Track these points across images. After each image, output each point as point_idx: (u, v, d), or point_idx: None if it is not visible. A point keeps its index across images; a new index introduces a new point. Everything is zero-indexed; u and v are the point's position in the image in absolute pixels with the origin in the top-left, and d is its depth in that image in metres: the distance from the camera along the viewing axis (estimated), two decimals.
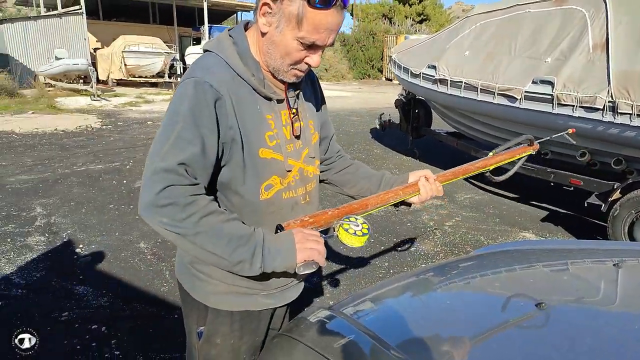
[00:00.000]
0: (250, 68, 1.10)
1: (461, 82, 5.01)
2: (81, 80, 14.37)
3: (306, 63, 1.09)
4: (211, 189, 1.13)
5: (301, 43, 1.04)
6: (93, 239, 3.78)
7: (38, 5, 19.99)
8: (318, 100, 1.35)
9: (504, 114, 4.58)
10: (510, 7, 4.94)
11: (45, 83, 13.90)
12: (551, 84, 3.95)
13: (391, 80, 21.87)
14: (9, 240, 3.70)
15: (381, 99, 15.50)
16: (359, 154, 7.35)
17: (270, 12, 1.03)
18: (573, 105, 3.78)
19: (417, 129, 7.16)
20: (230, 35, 1.14)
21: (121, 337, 2.51)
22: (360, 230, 1.14)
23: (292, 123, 1.19)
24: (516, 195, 5.41)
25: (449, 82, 5.24)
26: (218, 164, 1.09)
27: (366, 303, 1.43)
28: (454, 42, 5.64)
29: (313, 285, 3.18)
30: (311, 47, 1.05)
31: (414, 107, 7.09)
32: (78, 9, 16.09)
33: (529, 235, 4.28)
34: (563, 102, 3.85)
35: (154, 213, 0.98)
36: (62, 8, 17.06)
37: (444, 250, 3.87)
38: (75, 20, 16.01)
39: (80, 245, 3.65)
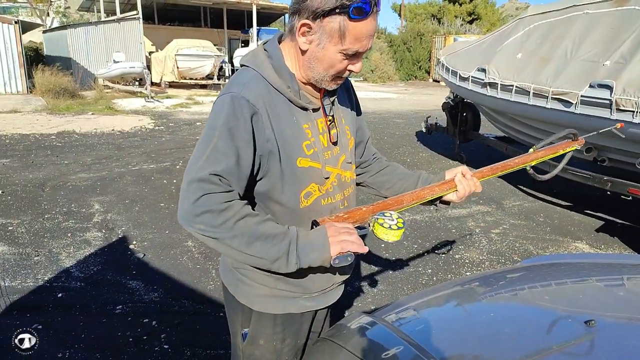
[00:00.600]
0: (285, 80, 1.14)
1: (512, 85, 4.86)
2: (137, 83, 15.07)
3: (349, 70, 1.14)
4: (249, 199, 1.18)
5: (344, 54, 1.08)
6: (145, 236, 3.96)
7: (99, 11, 21.12)
8: (353, 105, 1.38)
9: (557, 119, 4.40)
10: (566, 7, 4.75)
11: (104, 85, 14.69)
12: (610, 88, 3.76)
13: (438, 81, 21.47)
14: (69, 235, 3.94)
15: (428, 100, 15.26)
16: (405, 157, 7.28)
17: (309, 31, 1.07)
18: (633, 111, 3.58)
19: (465, 133, 7.01)
20: (265, 49, 1.19)
21: (170, 332, 2.63)
22: (396, 224, 1.12)
23: (329, 130, 1.22)
24: (569, 204, 5.18)
25: (499, 85, 5.10)
26: (254, 176, 1.14)
27: (408, 311, 1.43)
28: (506, 44, 5.48)
29: (355, 289, 3.19)
30: (353, 55, 1.10)
31: (461, 110, 6.94)
32: (135, 14, 16.87)
33: (582, 246, 4.10)
34: (622, 108, 3.65)
35: (192, 221, 1.04)
36: (121, 13, 17.95)
37: (490, 258, 3.77)
38: (132, 25, 16.80)
39: (134, 242, 3.84)
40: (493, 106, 5.55)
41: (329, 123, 1.22)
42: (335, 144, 1.24)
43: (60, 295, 2.98)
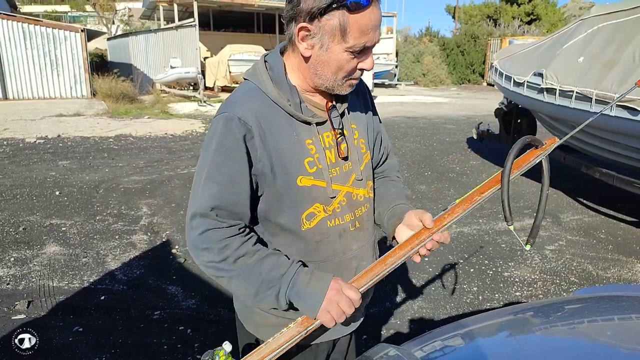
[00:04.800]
0: (284, 93, 1.06)
1: (572, 91, 4.54)
2: (191, 87, 15.60)
3: (360, 69, 1.05)
4: (254, 219, 1.14)
5: (351, 52, 0.99)
6: None
7: (159, 19, 22.10)
8: (370, 115, 1.27)
9: (622, 128, 4.06)
10: (634, 7, 4.37)
11: (161, 90, 15.31)
12: None
13: (493, 85, 20.70)
14: (117, 237, 4.07)
15: (481, 105, 14.75)
16: (454, 165, 7.01)
17: (309, 35, 0.99)
18: None
19: None
20: (265, 61, 1.12)
21: (203, 341, 2.62)
22: None
23: (338, 145, 1.12)
24: (635, 219, 4.76)
25: (557, 91, 4.78)
26: (255, 194, 1.09)
27: (442, 345, 1.32)
28: (566, 47, 5.13)
29: (394, 305, 3.06)
30: (361, 51, 1.01)
31: (515, 117, 6.60)
32: (192, 22, 17.48)
33: None
34: None
35: (196, 254, 1.07)
36: (179, 21, 18.66)
37: (543, 277, 3.51)
38: (188, 32, 17.41)
39: (176, 246, 3.90)
40: (551, 113, 5.21)
41: (338, 137, 1.12)
42: (345, 159, 1.14)
43: (102, 297, 3.06)
